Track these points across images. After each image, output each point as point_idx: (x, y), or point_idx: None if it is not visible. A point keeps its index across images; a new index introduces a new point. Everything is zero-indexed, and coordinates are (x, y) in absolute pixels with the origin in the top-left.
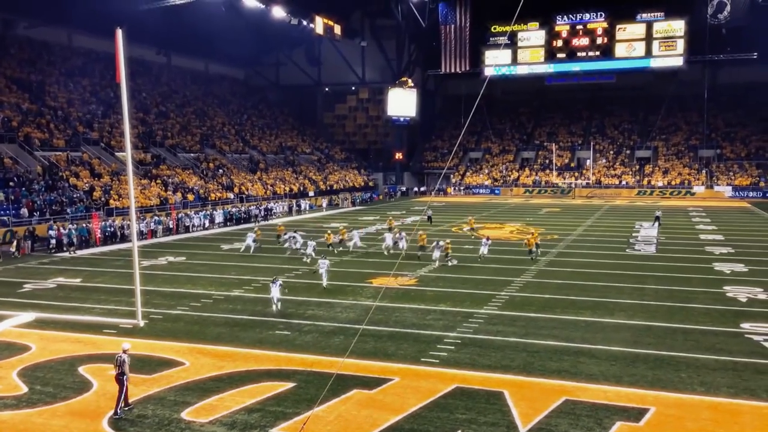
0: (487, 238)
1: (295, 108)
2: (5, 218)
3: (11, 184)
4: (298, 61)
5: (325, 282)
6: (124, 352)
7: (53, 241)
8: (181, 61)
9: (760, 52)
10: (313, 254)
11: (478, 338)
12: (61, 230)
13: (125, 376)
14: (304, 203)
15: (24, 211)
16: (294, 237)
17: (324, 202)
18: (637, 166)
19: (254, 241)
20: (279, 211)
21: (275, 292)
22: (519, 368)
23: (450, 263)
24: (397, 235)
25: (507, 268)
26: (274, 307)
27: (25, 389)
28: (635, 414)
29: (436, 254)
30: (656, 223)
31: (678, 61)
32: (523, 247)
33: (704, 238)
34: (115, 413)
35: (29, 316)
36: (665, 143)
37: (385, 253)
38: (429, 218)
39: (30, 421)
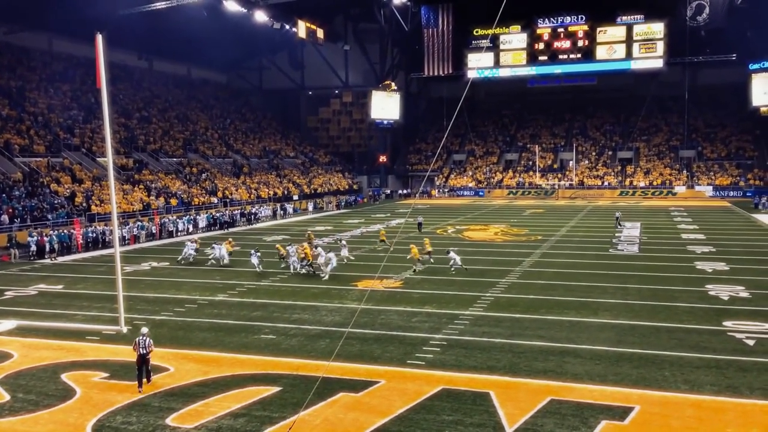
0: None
1: (278, 112)
2: None
3: None
4: (281, 65)
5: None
6: (143, 336)
7: (33, 248)
8: (163, 66)
9: (739, 54)
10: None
11: (464, 339)
12: (44, 237)
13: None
14: (290, 207)
15: (4, 217)
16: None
17: (310, 205)
18: (619, 167)
19: (195, 250)
20: (263, 215)
21: (255, 261)
22: (505, 369)
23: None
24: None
25: (492, 269)
26: (257, 268)
27: (7, 397)
28: (620, 413)
29: (332, 264)
30: (618, 224)
31: (658, 63)
32: (508, 248)
33: (686, 238)
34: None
35: (10, 323)
36: (646, 144)
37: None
38: (419, 225)
39: (12, 429)
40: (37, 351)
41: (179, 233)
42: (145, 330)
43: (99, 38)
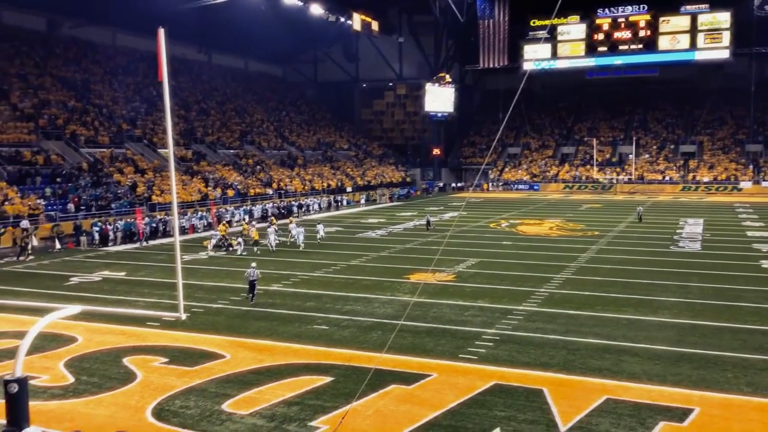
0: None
1: (332, 104)
2: (52, 213)
3: (58, 180)
4: (336, 58)
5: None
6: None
7: (97, 236)
8: (221, 59)
9: None
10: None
11: (517, 335)
12: (108, 226)
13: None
14: (345, 199)
15: (71, 206)
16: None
17: (362, 198)
18: (682, 162)
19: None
20: (315, 207)
21: (272, 237)
22: (559, 366)
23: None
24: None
25: (546, 264)
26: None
27: (71, 379)
28: (679, 414)
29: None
30: (639, 219)
31: (724, 54)
32: (563, 243)
33: (751, 235)
34: (251, 299)
35: (76, 308)
36: (711, 138)
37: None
38: (428, 223)
39: (76, 410)
40: (100, 335)
41: (236, 224)
42: (254, 264)
43: (161, 32)
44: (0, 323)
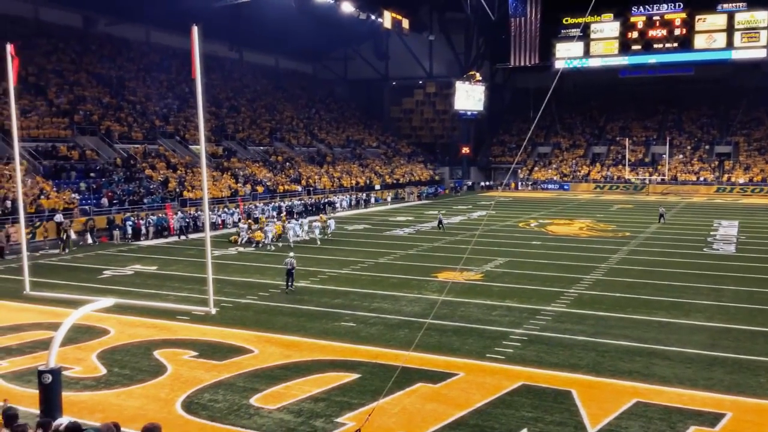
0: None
1: (362, 102)
2: (86, 207)
3: (92, 174)
4: (366, 56)
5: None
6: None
7: (130, 231)
8: (252, 57)
9: None
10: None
11: (545, 336)
12: (140, 220)
13: (294, 270)
14: (372, 196)
15: (104, 200)
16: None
17: (389, 195)
18: (717, 162)
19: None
20: (342, 205)
21: (297, 230)
22: (588, 368)
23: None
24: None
25: (576, 265)
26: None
27: (103, 371)
28: (710, 419)
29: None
30: (661, 220)
31: (761, 53)
32: (593, 244)
33: None
34: (288, 289)
35: (109, 301)
36: (747, 138)
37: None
38: (440, 223)
39: (107, 401)
40: (132, 328)
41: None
42: (291, 254)
43: (195, 30)
44: (35, 315)
